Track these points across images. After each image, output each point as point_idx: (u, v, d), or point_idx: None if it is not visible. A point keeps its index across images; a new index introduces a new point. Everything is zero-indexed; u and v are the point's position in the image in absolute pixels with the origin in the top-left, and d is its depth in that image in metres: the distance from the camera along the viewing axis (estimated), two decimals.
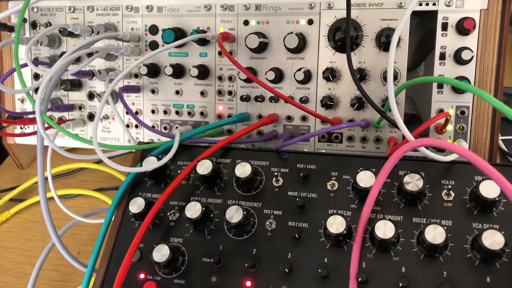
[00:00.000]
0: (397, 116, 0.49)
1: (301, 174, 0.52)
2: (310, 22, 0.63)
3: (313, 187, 0.52)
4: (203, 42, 0.67)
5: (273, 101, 0.66)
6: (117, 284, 0.47)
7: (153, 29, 0.69)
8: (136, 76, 0.71)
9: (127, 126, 0.73)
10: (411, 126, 0.52)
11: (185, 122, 0.70)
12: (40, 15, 0.74)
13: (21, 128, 0.78)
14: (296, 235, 0.48)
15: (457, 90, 0.59)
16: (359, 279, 0.44)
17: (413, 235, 0.46)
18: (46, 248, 0.67)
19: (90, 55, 0.68)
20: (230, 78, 0.67)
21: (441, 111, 0.60)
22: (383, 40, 0.59)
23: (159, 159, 0.55)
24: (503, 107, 0.40)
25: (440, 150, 0.58)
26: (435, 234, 0.44)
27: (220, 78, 0.67)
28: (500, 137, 0.75)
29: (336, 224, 0.46)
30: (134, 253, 0.49)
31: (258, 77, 0.66)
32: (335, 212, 0.49)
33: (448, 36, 0.59)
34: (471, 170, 0.49)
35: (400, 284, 0.44)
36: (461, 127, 0.59)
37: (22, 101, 0.77)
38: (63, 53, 0.72)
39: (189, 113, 0.70)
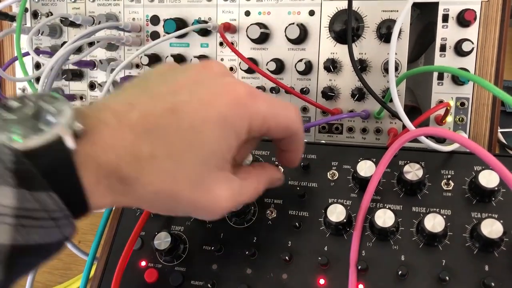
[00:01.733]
0: (398, 106, 0.49)
1: (302, 164, 0.52)
2: (312, 13, 0.63)
3: (314, 177, 0.52)
4: (204, 32, 0.67)
5: (274, 92, 0.66)
6: (118, 271, 0.47)
7: (155, 20, 0.69)
8: (137, 66, 0.71)
9: None
10: (410, 118, 0.53)
11: None
12: (41, 5, 0.74)
13: None
14: (297, 223, 0.49)
15: (457, 82, 0.59)
16: (359, 267, 0.45)
17: (412, 224, 0.47)
18: None
19: (91, 45, 0.68)
20: (231, 69, 0.67)
21: (441, 102, 0.60)
22: (384, 31, 0.59)
23: None
24: (502, 95, 0.40)
25: (439, 141, 0.59)
26: (434, 223, 0.44)
27: None
28: (499, 130, 0.76)
29: (336, 213, 0.47)
30: (135, 241, 0.49)
31: (259, 67, 0.66)
32: (335, 201, 0.49)
33: (449, 28, 0.59)
34: (471, 160, 0.49)
35: (400, 272, 0.44)
36: (460, 119, 0.60)
37: (23, 90, 0.77)
38: (64, 43, 0.72)
39: None
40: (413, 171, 0.47)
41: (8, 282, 0.29)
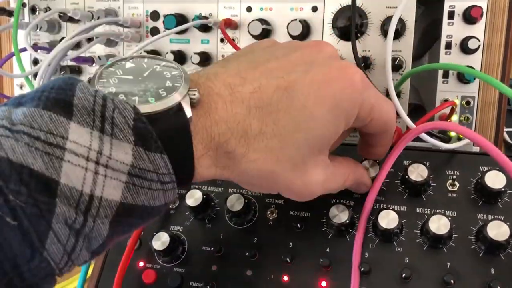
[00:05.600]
0: (396, 102, 0.49)
1: None
2: (314, 9, 0.62)
3: None
4: (205, 28, 0.66)
5: None
6: (119, 273, 0.47)
7: (155, 15, 0.68)
8: None
9: None
10: (415, 116, 0.52)
11: None
12: (40, 0, 0.73)
13: None
14: (298, 224, 0.48)
15: (462, 80, 0.58)
16: (362, 269, 0.44)
17: (416, 225, 0.46)
18: None
19: (90, 40, 0.67)
20: None
21: (446, 101, 0.59)
22: (388, 28, 0.58)
23: None
24: (509, 92, 0.39)
25: (444, 141, 0.57)
26: (439, 224, 0.43)
27: None
28: (505, 129, 0.74)
29: (339, 214, 0.46)
30: (136, 241, 0.48)
31: None
32: (337, 201, 0.48)
33: (455, 25, 0.58)
34: (477, 160, 0.48)
35: (403, 275, 0.43)
36: (466, 118, 0.59)
37: (21, 87, 0.76)
38: (62, 38, 0.71)
39: None
40: (417, 171, 0.46)
41: (110, 239, 0.30)
